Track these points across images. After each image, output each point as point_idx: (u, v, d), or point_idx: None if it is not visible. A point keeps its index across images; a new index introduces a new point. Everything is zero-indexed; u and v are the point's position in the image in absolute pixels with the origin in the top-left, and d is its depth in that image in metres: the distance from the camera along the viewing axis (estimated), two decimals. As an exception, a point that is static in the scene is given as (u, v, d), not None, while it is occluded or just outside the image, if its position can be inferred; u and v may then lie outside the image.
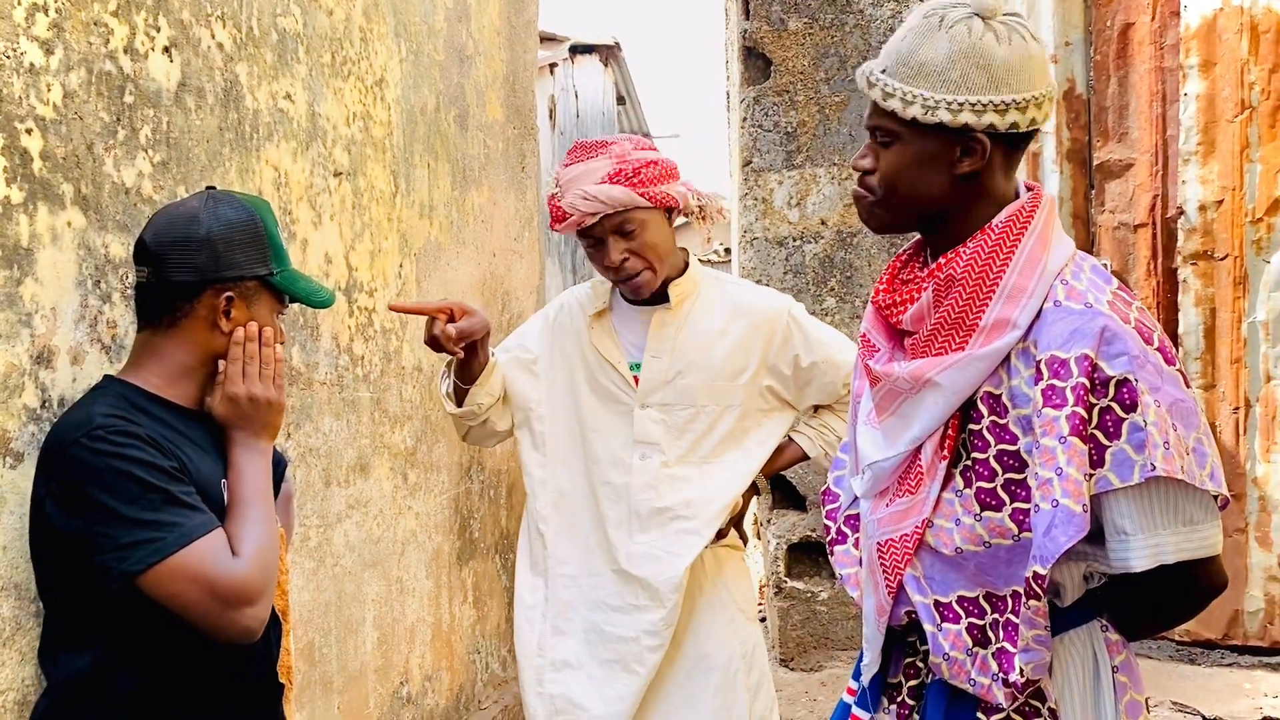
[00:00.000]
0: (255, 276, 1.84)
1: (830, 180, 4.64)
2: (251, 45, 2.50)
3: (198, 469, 1.76)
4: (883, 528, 1.74)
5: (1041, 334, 1.60)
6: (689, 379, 2.62)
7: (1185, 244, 4.36)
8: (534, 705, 2.67)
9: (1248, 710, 3.88)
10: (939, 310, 1.68)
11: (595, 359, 2.67)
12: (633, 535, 2.62)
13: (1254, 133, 4.25)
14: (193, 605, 1.65)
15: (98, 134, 1.96)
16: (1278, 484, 4.26)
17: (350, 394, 2.99)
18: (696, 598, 2.66)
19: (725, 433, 2.63)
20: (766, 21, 4.68)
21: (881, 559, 1.73)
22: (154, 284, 1.81)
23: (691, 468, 2.63)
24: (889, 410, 1.76)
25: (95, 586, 1.65)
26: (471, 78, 3.91)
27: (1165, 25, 4.42)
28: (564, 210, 2.53)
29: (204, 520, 1.68)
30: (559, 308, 2.79)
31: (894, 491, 1.74)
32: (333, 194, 2.88)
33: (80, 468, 1.63)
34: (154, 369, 1.81)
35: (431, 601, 3.54)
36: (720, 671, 2.64)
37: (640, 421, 2.63)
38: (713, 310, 2.66)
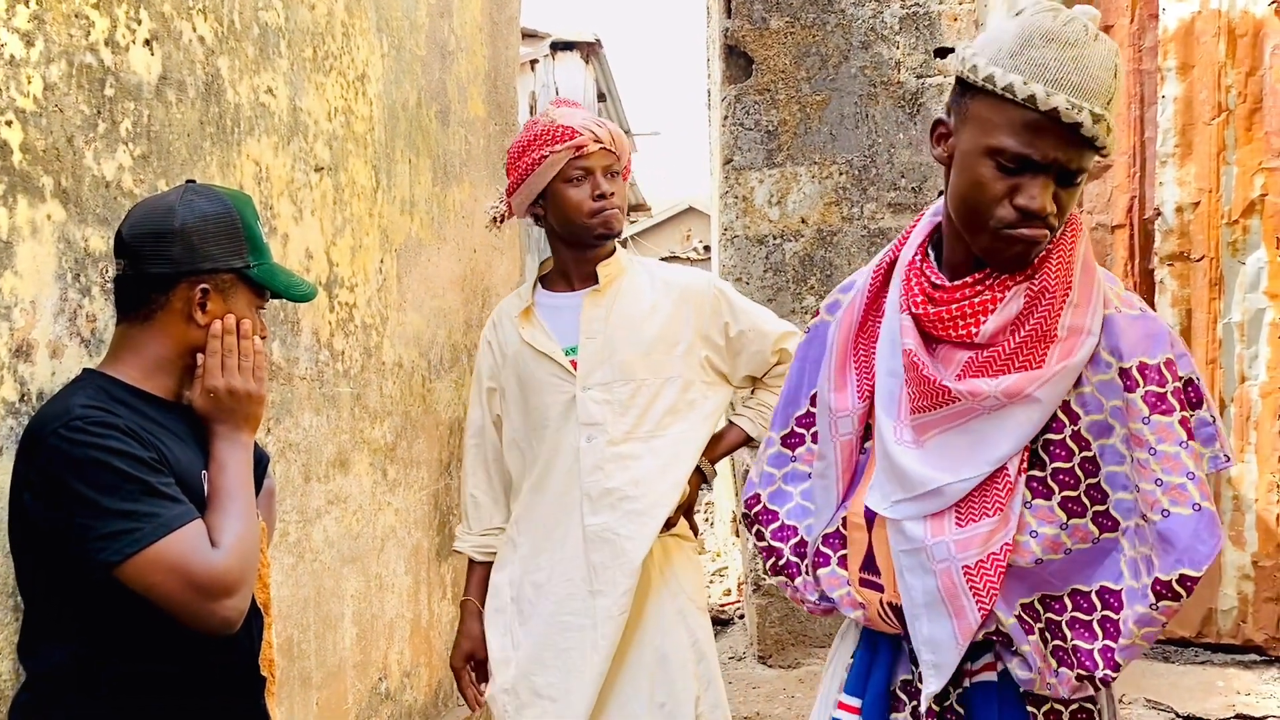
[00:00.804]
0: (231, 269, 1.82)
1: (811, 179, 4.65)
2: (233, 39, 2.49)
3: (177, 460, 1.75)
4: (966, 550, 1.65)
5: (1119, 341, 1.62)
6: (625, 355, 2.66)
7: (1162, 245, 4.39)
8: (501, 700, 2.70)
9: (1221, 708, 3.92)
10: (1031, 322, 1.64)
11: (531, 354, 2.72)
12: (585, 519, 2.65)
13: (1230, 135, 4.29)
14: (171, 596, 1.64)
15: (78, 127, 1.95)
16: (1251, 484, 4.30)
17: (330, 389, 2.98)
18: (645, 588, 2.68)
19: (668, 405, 2.67)
20: (748, 20, 4.69)
21: (972, 582, 1.65)
22: (130, 276, 1.81)
23: (638, 444, 2.65)
24: (948, 428, 1.68)
25: (75, 577, 1.65)
26: (453, 73, 3.91)
27: (1144, 28, 4.45)
28: (572, 130, 2.62)
29: (183, 511, 1.67)
30: (492, 325, 2.85)
31: (966, 511, 1.67)
32: (314, 189, 2.87)
33: (59, 458, 1.62)
34: (132, 361, 1.80)
35: (411, 597, 3.53)
36: (669, 662, 2.66)
37: (583, 404, 2.66)
38: (641, 289, 2.72)
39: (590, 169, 2.65)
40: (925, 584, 1.68)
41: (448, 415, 3.84)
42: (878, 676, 1.80)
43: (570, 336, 2.70)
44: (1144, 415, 1.59)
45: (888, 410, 1.74)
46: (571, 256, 2.73)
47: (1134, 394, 1.60)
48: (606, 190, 2.65)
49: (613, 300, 2.70)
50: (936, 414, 1.68)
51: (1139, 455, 1.60)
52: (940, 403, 1.67)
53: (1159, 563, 1.58)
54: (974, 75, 1.60)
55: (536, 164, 2.65)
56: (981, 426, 1.66)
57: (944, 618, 1.67)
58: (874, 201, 4.61)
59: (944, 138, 1.69)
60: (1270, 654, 4.28)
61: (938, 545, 1.67)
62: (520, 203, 2.74)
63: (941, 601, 1.67)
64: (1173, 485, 1.58)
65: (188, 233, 1.79)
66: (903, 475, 1.71)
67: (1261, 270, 4.27)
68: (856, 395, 1.80)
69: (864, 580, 1.79)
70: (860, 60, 4.60)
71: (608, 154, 2.66)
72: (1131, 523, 1.63)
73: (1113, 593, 1.64)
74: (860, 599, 1.80)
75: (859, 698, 1.81)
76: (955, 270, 1.73)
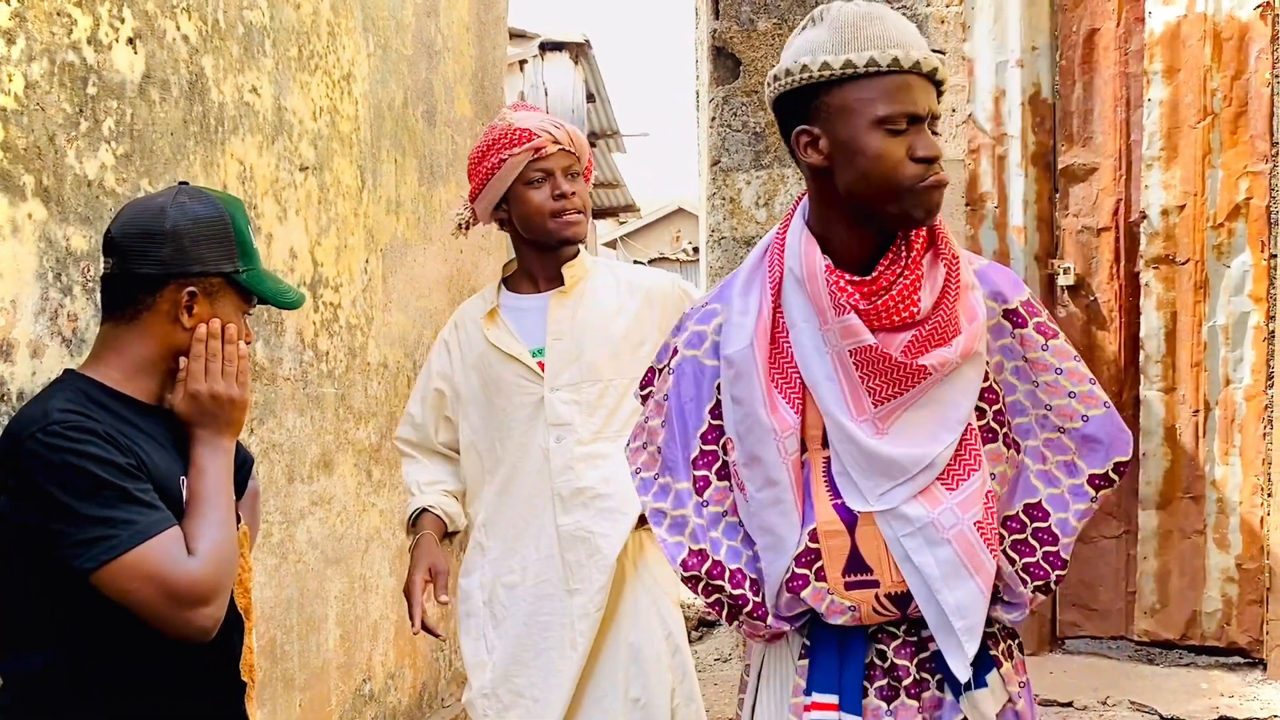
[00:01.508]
0: (220, 273, 1.81)
1: (798, 181, 4.65)
2: (217, 38, 2.48)
3: (155, 465, 1.74)
4: (970, 509, 1.75)
5: (996, 286, 1.80)
6: (592, 355, 2.66)
7: (1147, 248, 4.40)
8: (480, 705, 2.69)
9: (1204, 710, 3.92)
10: (955, 286, 1.76)
11: (497, 356, 2.70)
12: (558, 519, 2.65)
13: (1216, 139, 4.30)
14: (146, 603, 1.63)
15: (60, 125, 1.94)
16: (1236, 486, 4.31)
17: (314, 390, 2.97)
18: (620, 582, 2.68)
19: (636, 405, 2.66)
20: (736, 21, 4.69)
21: (985, 535, 1.75)
22: (118, 276, 1.79)
23: (607, 443, 2.66)
24: (914, 404, 1.76)
25: (51, 582, 1.63)
26: (440, 73, 3.90)
27: (1130, 31, 4.46)
28: (529, 132, 2.61)
29: (160, 518, 1.66)
30: (453, 326, 2.81)
31: (951, 476, 1.76)
32: (299, 189, 2.86)
33: (36, 463, 1.61)
34: (114, 363, 1.78)
35: (395, 599, 3.52)
36: (643, 656, 2.66)
37: (551, 405, 2.65)
38: (606, 289, 2.73)
39: (550, 170, 2.64)
40: (939, 556, 1.75)
41: (433, 416, 3.83)
42: (853, 669, 1.83)
43: (536, 338, 2.69)
44: (1041, 344, 1.77)
45: (842, 412, 1.77)
46: (536, 258, 2.72)
47: (1025, 329, 1.78)
48: (566, 190, 2.64)
49: (578, 301, 2.70)
50: (903, 398, 1.76)
51: (1045, 378, 1.77)
52: (909, 385, 1.75)
53: (1087, 461, 1.77)
54: (828, 71, 1.70)
55: (496, 168, 2.64)
56: (938, 393, 1.75)
57: (966, 579, 1.75)
58: (861, 203, 4.61)
59: (812, 143, 1.74)
60: (1254, 656, 4.29)
61: (942, 514, 1.74)
62: (484, 208, 2.73)
63: (961, 565, 1.75)
64: (1083, 394, 1.77)
65: (179, 234, 1.77)
66: (890, 464, 1.75)
67: (1246, 273, 4.28)
68: (792, 411, 1.80)
69: (850, 583, 1.79)
70: (848, 62, 4.60)
71: (566, 155, 2.65)
72: (1034, 442, 1.80)
73: (1034, 506, 1.80)
74: (849, 602, 1.80)
75: (834, 694, 1.83)
76: (856, 266, 1.79)
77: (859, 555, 1.79)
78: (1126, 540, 4.52)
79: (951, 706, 1.82)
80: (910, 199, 1.71)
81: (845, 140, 1.70)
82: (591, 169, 2.75)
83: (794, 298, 1.81)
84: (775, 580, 1.84)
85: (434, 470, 2.81)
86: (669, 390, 1.93)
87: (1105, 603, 4.55)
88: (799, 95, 1.74)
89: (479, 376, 2.72)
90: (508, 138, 2.63)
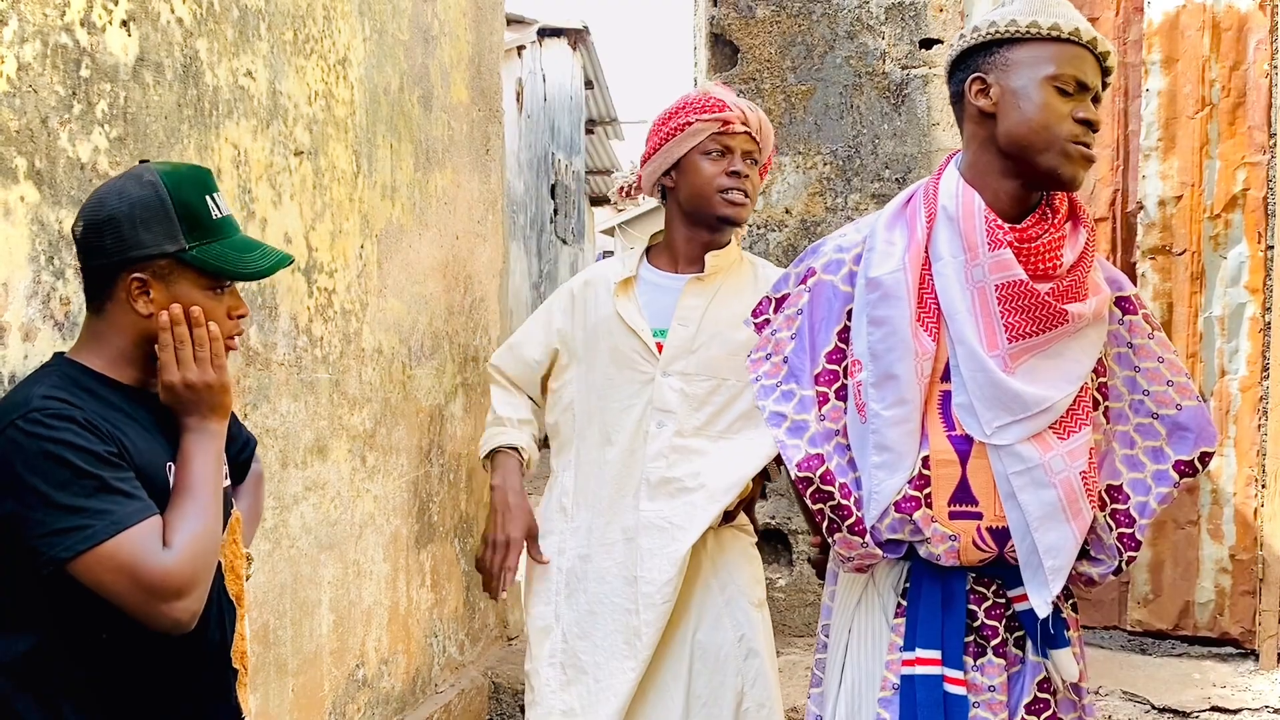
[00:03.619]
0: (164, 254, 1.72)
1: (795, 169, 4.65)
2: (212, 21, 2.47)
3: (140, 451, 1.72)
4: (1077, 460, 1.87)
5: (1114, 274, 1.95)
6: (713, 350, 2.62)
7: (1144, 238, 4.40)
8: (545, 674, 2.68)
9: (1197, 700, 3.93)
10: (1090, 254, 1.91)
11: (619, 327, 2.68)
12: (640, 504, 2.62)
13: (1214, 129, 4.29)
14: (121, 595, 1.61)
15: (53, 108, 1.93)
16: (1230, 477, 4.31)
17: (308, 375, 2.97)
18: (695, 579, 2.64)
19: (744, 410, 2.62)
20: (734, 9, 4.67)
21: (1088, 484, 1.87)
22: (82, 269, 1.76)
23: (706, 440, 2.62)
24: (1036, 353, 1.88)
25: (30, 569, 1.63)
26: (436, 58, 3.89)
27: (1128, 21, 4.45)
28: (723, 104, 2.61)
29: (137, 508, 1.63)
30: (584, 283, 2.80)
31: (1064, 426, 1.88)
32: (293, 173, 2.85)
33: (14, 450, 1.59)
34: (97, 350, 1.76)
35: (389, 585, 3.52)
36: (711, 655, 2.63)
37: (660, 389, 2.63)
38: (744, 287, 2.67)
39: (731, 148, 2.61)
40: (1043, 497, 1.85)
41: (428, 403, 3.83)
42: (954, 626, 1.92)
43: (663, 318, 2.66)
44: (1148, 331, 1.91)
45: (978, 343, 1.88)
46: (685, 236, 2.69)
47: (1135, 315, 1.92)
48: (742, 170, 2.61)
49: (714, 292, 2.65)
50: (1038, 339, 1.87)
51: (1147, 365, 1.91)
52: (1048, 326, 1.86)
53: (1175, 449, 1.91)
54: (1014, 28, 1.86)
55: (680, 129, 2.61)
56: (1064, 347, 1.87)
57: (1063, 523, 1.85)
58: (858, 192, 4.60)
59: (984, 90, 1.90)
60: (1246, 647, 4.30)
61: (1054, 459, 1.86)
62: (653, 171, 2.68)
63: (1062, 509, 1.85)
64: (1180, 384, 1.91)
65: (116, 221, 1.71)
66: (1014, 398, 1.86)
67: (1243, 265, 4.28)
68: (930, 339, 1.93)
69: (954, 513, 1.91)
70: (845, 50, 4.59)
71: (751, 140, 2.63)
72: (1125, 427, 1.93)
73: (1115, 488, 1.92)
74: (951, 531, 1.91)
75: (938, 649, 1.91)
76: (1003, 218, 1.92)
77: (967, 486, 1.91)
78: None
79: (1033, 667, 1.94)
80: (1062, 157, 1.85)
81: (1016, 89, 1.87)
82: (769, 167, 2.74)
83: (943, 234, 1.94)
84: (885, 497, 1.92)
85: (524, 408, 2.85)
86: (803, 306, 2.06)
87: (1098, 592, 4.56)
88: (983, 50, 1.92)
89: (599, 340, 2.69)
90: (700, 104, 2.61)
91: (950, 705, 1.90)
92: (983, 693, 1.91)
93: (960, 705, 1.90)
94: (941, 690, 1.90)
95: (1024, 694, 1.93)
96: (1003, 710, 1.91)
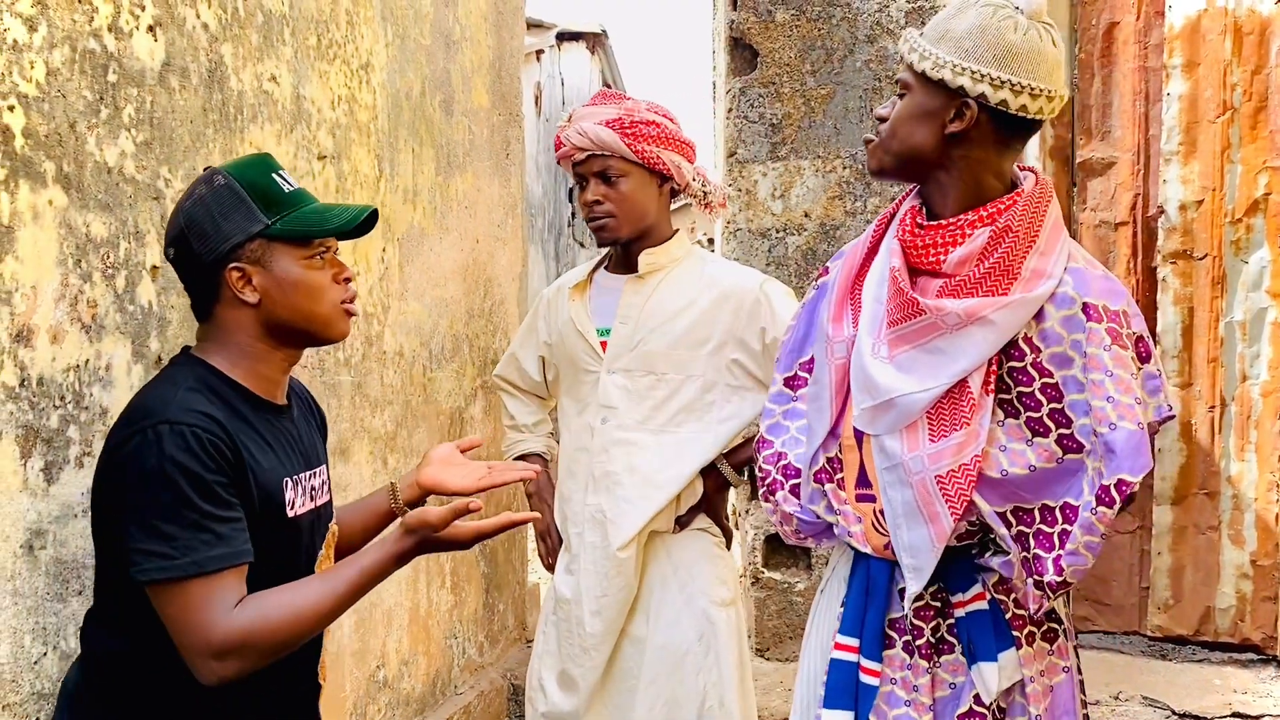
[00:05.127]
0: (252, 237, 1.75)
1: (815, 173, 4.65)
2: (237, 26, 2.49)
3: (259, 466, 1.72)
4: (939, 462, 1.85)
5: (1085, 285, 1.85)
6: (650, 345, 2.68)
7: (1165, 243, 4.38)
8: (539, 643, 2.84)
9: (1217, 706, 3.92)
10: (994, 256, 1.86)
11: (572, 330, 2.79)
12: (585, 498, 2.71)
13: (1235, 133, 4.28)
14: (175, 632, 1.62)
15: (80, 112, 1.95)
16: (1251, 482, 4.30)
17: (331, 378, 2.99)
18: (653, 580, 2.69)
19: (686, 403, 2.67)
20: (753, 12, 4.68)
21: (944, 489, 1.85)
22: (185, 285, 1.81)
23: (647, 434, 2.67)
24: (917, 344, 1.89)
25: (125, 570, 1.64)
26: (458, 63, 3.91)
27: (1150, 25, 4.44)
28: (560, 141, 2.71)
29: (223, 555, 1.62)
30: (556, 289, 2.92)
31: (938, 427, 1.87)
32: (316, 177, 2.87)
33: (140, 454, 1.61)
34: (220, 352, 1.78)
35: (409, 586, 3.54)
36: (670, 655, 2.66)
37: (604, 386, 2.71)
38: (685, 283, 2.73)
39: (584, 175, 2.71)
40: (903, 495, 1.89)
41: (448, 405, 3.85)
42: (873, 615, 1.95)
43: (609, 319, 2.75)
44: (1105, 343, 1.81)
45: (869, 329, 1.95)
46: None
47: (1098, 325, 1.82)
48: (588, 199, 2.70)
49: (652, 290, 2.72)
50: (906, 327, 1.89)
51: (1094, 376, 1.80)
52: (910, 315, 1.88)
53: (1104, 471, 1.79)
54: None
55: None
56: (943, 344, 1.87)
57: (921, 525, 1.87)
58: (877, 196, 4.60)
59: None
60: (1267, 653, 4.29)
61: (913, 459, 1.87)
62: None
63: (918, 510, 1.87)
64: (1122, 403, 1.78)
65: (198, 224, 1.75)
66: (870, 383, 1.91)
67: (1264, 269, 4.26)
68: (851, 324, 2.00)
69: (860, 495, 1.99)
70: (865, 54, 4.59)
71: (595, 159, 2.67)
72: (1090, 444, 1.83)
73: (1073, 508, 1.84)
74: (858, 513, 1.98)
75: (856, 637, 1.96)
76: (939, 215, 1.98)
77: (864, 470, 1.98)
78: (1140, 535, 4.51)
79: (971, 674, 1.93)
80: None
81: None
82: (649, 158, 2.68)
83: (891, 231, 2.02)
84: (806, 468, 2.05)
85: (536, 410, 3.02)
86: (808, 302, 2.18)
87: (1118, 598, 4.54)
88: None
89: (564, 343, 2.82)
90: (555, 141, 2.76)
91: (862, 694, 1.94)
92: (911, 691, 1.93)
93: (869, 695, 1.94)
94: (854, 677, 1.94)
95: (960, 704, 1.92)
96: (926, 713, 1.91)
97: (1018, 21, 1.84)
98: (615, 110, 2.68)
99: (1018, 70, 1.82)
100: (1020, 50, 1.83)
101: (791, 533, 2.11)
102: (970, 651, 1.91)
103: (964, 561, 1.94)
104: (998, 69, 1.82)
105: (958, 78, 1.83)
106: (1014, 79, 1.82)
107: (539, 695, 2.79)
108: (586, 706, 2.69)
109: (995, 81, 1.82)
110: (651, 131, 2.66)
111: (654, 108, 2.73)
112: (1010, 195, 1.91)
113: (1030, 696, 1.92)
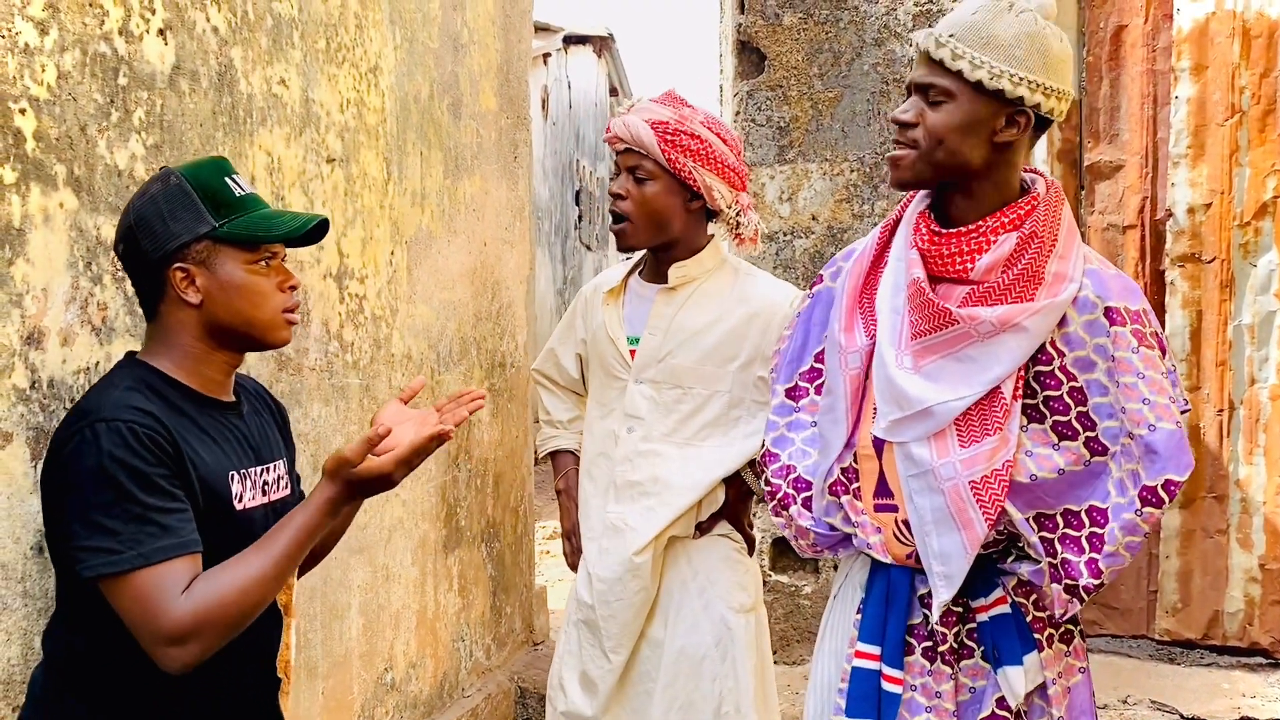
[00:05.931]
0: (198, 237, 1.73)
1: (822, 176, 4.65)
2: (246, 29, 2.50)
3: (203, 462, 1.72)
4: (972, 467, 1.85)
5: (1104, 287, 1.86)
6: (678, 359, 2.66)
7: (1173, 246, 4.38)
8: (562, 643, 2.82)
9: (1226, 710, 3.91)
10: (1021, 261, 1.86)
11: (603, 335, 2.77)
12: (607, 506, 2.71)
13: (1243, 137, 4.28)
14: (132, 624, 1.62)
15: (91, 115, 1.96)
16: (1260, 486, 4.29)
17: (340, 380, 2.99)
18: (673, 585, 2.69)
19: (712, 418, 2.66)
20: (761, 16, 4.68)
21: (978, 495, 1.85)
22: (133, 281, 1.79)
23: (672, 446, 2.66)
24: (945, 354, 1.88)
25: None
26: (465, 66, 3.91)
27: (1158, 28, 4.43)
28: (610, 123, 2.72)
29: (168, 545, 1.62)
30: (593, 288, 2.91)
31: (967, 432, 1.86)
32: (325, 180, 2.88)
33: (80, 453, 1.61)
34: (163, 353, 1.77)
35: (417, 589, 3.54)
36: (687, 660, 2.66)
37: (631, 395, 2.70)
38: (717, 297, 2.70)
39: (620, 167, 2.70)
40: (934, 502, 1.88)
41: (456, 408, 3.85)
42: (894, 623, 1.95)
43: (639, 327, 2.73)
44: (1133, 346, 1.82)
45: (890, 341, 1.94)
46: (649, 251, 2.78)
47: (1122, 328, 1.83)
48: (614, 190, 2.69)
49: (683, 301, 2.69)
50: (935, 338, 1.88)
51: (1125, 380, 1.81)
52: (940, 326, 1.88)
53: (1145, 472, 1.79)
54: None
55: None
56: (975, 353, 1.87)
57: (953, 531, 1.87)
58: (885, 199, 4.60)
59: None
60: (1276, 657, 4.28)
61: (944, 465, 1.87)
62: None
63: (950, 517, 1.87)
64: (1159, 404, 1.80)
65: (146, 221, 1.73)
66: (901, 395, 1.90)
67: (1273, 272, 4.25)
68: (864, 334, 1.99)
69: (879, 505, 1.98)
70: (873, 57, 4.59)
71: (630, 153, 2.66)
72: (1118, 446, 1.84)
73: (1100, 510, 1.85)
74: (877, 523, 1.97)
75: (877, 645, 1.96)
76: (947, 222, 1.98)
77: (885, 480, 1.96)
78: (1149, 539, 4.50)
79: (992, 678, 1.94)
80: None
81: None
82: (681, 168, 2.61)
83: (899, 238, 2.01)
84: (820, 480, 2.04)
85: (572, 407, 3.01)
86: (803, 311, 2.18)
87: (1126, 601, 4.54)
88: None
89: (596, 345, 2.81)
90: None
91: (885, 702, 1.94)
92: (932, 698, 1.94)
93: (892, 702, 1.94)
94: (877, 685, 1.94)
95: (982, 708, 1.93)
96: (950, 719, 1.92)
97: (1053, 29, 1.87)
98: (668, 113, 2.63)
99: (1059, 78, 1.87)
100: (1060, 58, 1.88)
101: (808, 546, 2.09)
102: (994, 656, 1.92)
103: (985, 567, 1.94)
104: (1045, 77, 1.85)
105: (1016, 88, 1.83)
106: (1058, 87, 1.87)
107: (559, 695, 2.79)
108: (604, 708, 2.69)
109: (1045, 90, 1.85)
110: (694, 146, 2.60)
111: (712, 124, 2.65)
112: (1028, 199, 1.92)
113: (1051, 698, 1.93)
